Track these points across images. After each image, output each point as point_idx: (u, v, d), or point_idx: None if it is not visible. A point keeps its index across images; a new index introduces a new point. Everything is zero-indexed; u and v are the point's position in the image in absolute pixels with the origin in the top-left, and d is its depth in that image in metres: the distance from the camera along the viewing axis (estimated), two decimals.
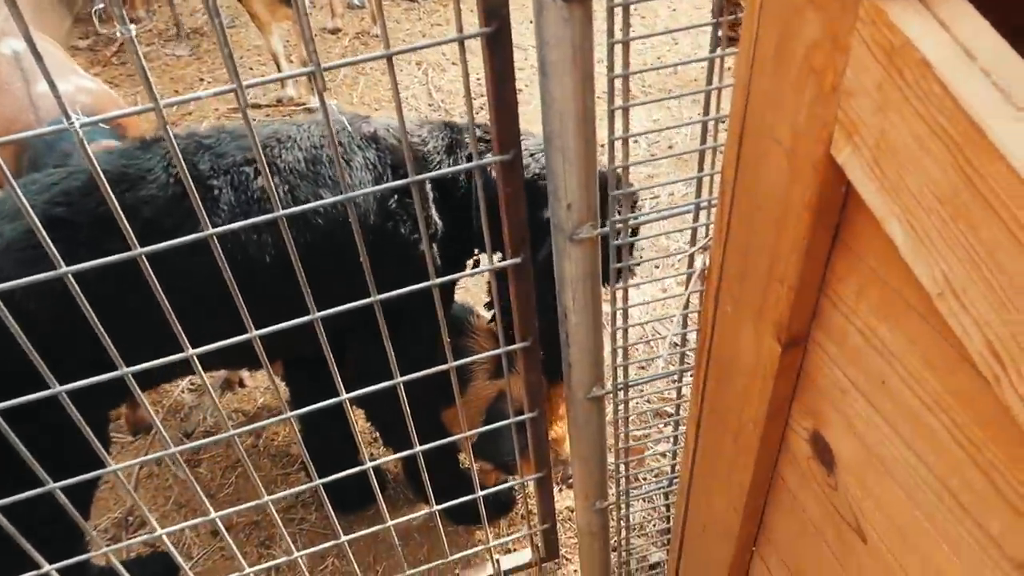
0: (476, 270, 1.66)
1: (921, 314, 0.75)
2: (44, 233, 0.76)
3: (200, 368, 1.10)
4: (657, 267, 2.59)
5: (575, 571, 2.12)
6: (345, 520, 2.23)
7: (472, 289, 2.64)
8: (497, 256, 1.50)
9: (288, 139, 1.56)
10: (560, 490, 2.33)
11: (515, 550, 1.88)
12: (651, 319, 1.81)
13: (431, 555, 2.10)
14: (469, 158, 1.69)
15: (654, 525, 2.12)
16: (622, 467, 1.64)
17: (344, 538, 1.40)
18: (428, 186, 1.60)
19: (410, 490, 2.28)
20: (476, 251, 1.88)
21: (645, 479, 2.25)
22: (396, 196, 1.57)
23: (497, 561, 1.71)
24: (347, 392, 1.20)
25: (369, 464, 1.47)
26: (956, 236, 0.62)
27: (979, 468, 0.72)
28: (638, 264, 1.91)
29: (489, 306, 2.10)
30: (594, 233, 1.18)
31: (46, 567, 1.14)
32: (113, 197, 0.76)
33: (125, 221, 0.82)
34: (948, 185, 0.62)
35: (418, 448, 1.37)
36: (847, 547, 0.99)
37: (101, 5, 4.49)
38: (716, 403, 1.18)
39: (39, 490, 1.13)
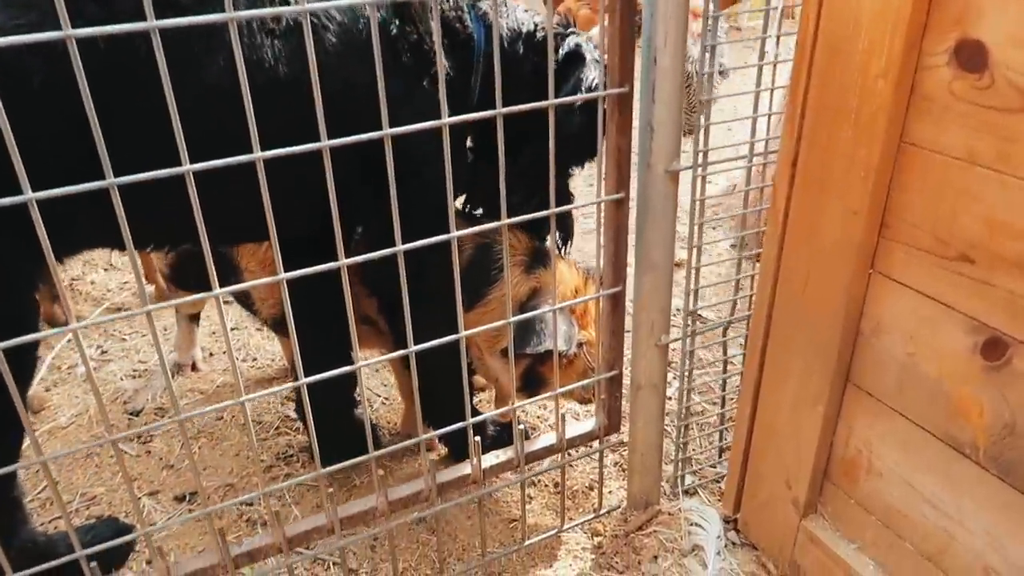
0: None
1: None
2: None
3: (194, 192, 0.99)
4: None
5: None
6: (341, 472, 1.95)
7: None
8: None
9: None
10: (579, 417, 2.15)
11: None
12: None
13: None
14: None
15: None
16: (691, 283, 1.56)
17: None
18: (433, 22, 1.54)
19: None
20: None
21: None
22: (397, 22, 1.48)
23: (562, 416, 1.54)
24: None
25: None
26: None
27: None
28: None
29: None
30: None
31: None
32: None
33: None
34: None
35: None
36: (1005, 156, 0.99)
37: None
38: (827, 84, 1.18)
39: None
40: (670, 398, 1.95)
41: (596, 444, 1.61)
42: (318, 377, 1.25)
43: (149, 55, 0.93)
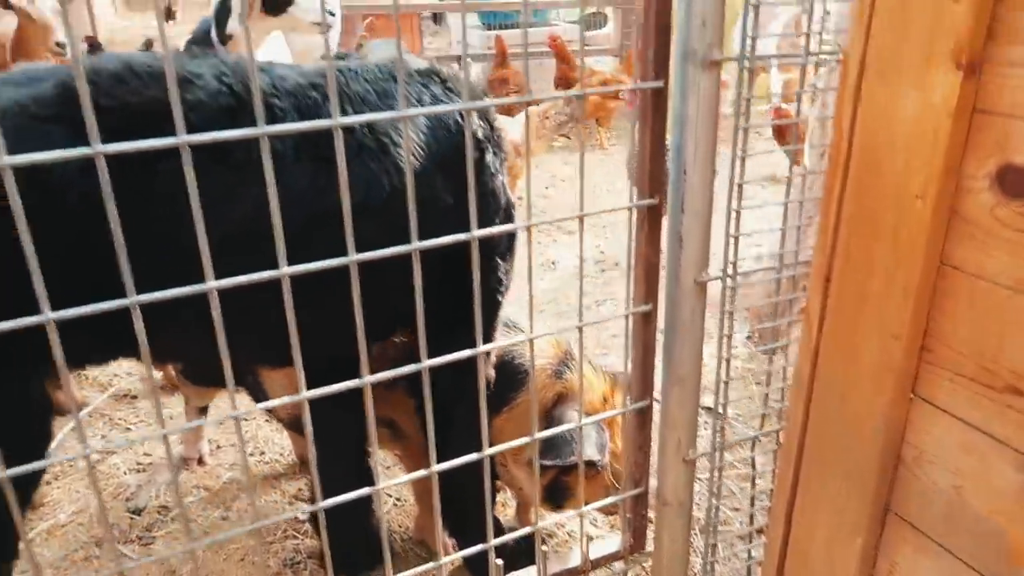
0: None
1: None
2: None
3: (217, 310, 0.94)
4: None
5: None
6: None
7: None
8: None
9: (351, 71, 1.53)
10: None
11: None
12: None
13: None
14: None
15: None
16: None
17: None
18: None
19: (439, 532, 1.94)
20: None
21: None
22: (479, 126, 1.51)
23: (587, 537, 1.46)
24: None
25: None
26: None
27: None
28: None
29: None
30: (722, 57, 1.21)
31: None
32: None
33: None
34: None
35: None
36: None
37: None
38: (862, 200, 1.15)
39: None
40: (697, 516, 1.87)
41: (620, 564, 1.53)
42: (336, 500, 1.19)
43: (176, 178, 0.91)
